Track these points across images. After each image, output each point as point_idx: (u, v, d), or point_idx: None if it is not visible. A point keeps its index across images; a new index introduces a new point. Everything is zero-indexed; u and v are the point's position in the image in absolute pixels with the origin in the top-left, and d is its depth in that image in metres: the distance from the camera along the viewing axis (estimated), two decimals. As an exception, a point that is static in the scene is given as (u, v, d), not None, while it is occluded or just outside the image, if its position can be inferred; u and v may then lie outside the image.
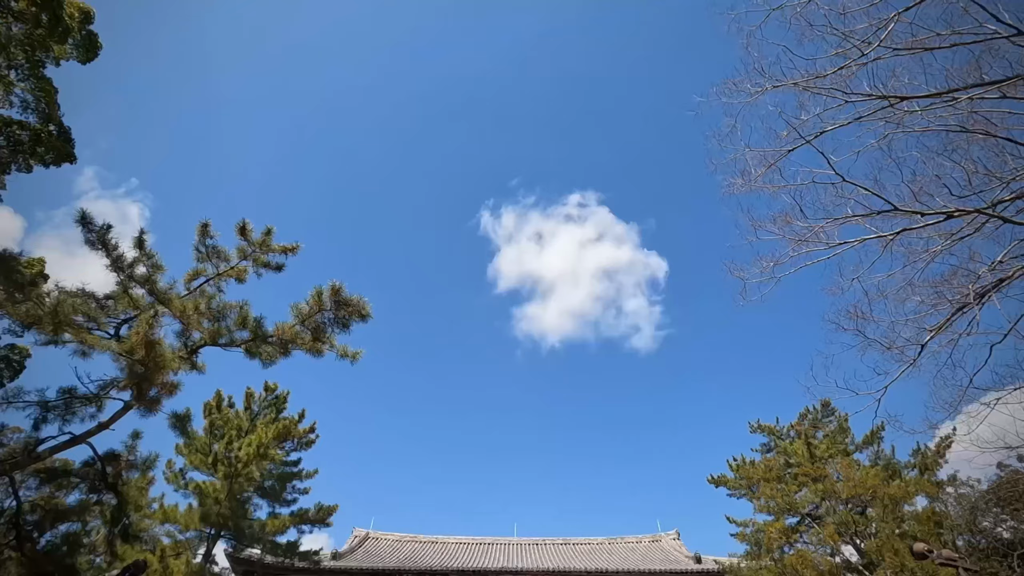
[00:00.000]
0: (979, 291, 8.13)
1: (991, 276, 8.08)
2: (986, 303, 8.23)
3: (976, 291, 8.03)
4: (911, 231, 9.03)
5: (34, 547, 12.17)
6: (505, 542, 32.49)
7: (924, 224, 8.84)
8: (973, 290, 7.96)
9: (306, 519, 20.20)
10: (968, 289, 8.03)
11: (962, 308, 8.32)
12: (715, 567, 24.20)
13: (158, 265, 10.87)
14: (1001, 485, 17.99)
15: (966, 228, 8.67)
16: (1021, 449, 14.89)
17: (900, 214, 8.87)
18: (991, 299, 8.14)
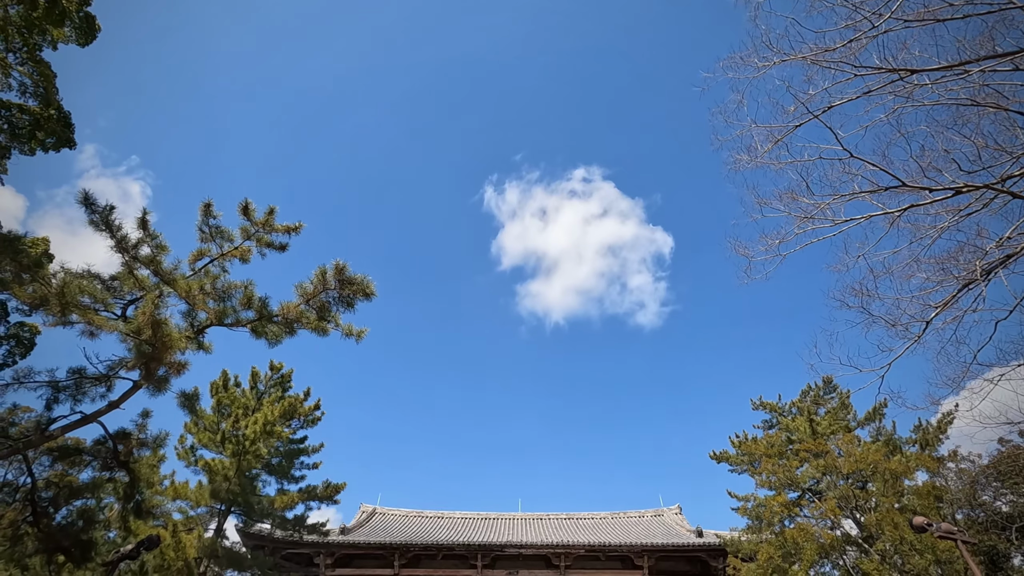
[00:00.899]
0: (986, 267, 8.09)
1: (998, 252, 8.03)
2: (992, 279, 8.20)
3: (983, 267, 7.99)
4: (918, 207, 8.95)
5: (50, 522, 12.46)
6: (509, 517, 33.08)
7: (932, 200, 8.76)
8: (980, 266, 7.92)
9: (314, 496, 20.58)
10: (975, 265, 7.99)
11: (968, 285, 8.29)
12: (716, 541, 24.62)
13: (162, 246, 10.88)
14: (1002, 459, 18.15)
15: (974, 204, 8.59)
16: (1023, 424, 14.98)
17: (907, 190, 8.78)
18: (998, 275, 8.11)
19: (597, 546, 25.50)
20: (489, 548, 25.30)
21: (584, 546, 25.51)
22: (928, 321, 8.66)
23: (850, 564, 18.35)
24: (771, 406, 27.04)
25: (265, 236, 11.51)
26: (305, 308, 10.99)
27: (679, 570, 26.50)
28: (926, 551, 15.78)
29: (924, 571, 16.32)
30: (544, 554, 25.64)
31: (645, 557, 25.31)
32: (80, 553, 12.73)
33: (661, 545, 25.48)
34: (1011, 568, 18.30)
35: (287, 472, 21.37)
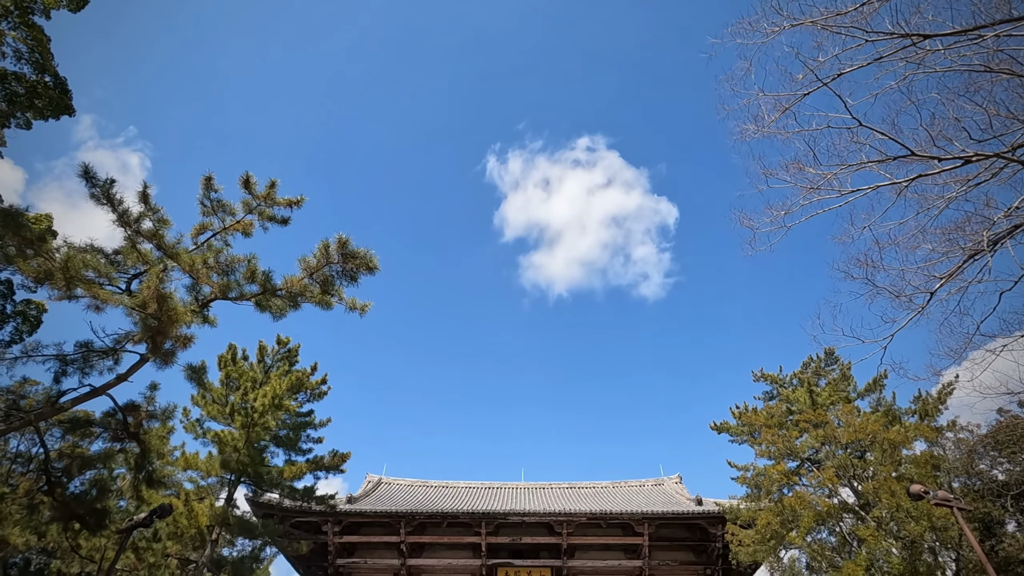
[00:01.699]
0: (993, 238, 8.03)
1: (1006, 222, 7.97)
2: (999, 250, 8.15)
3: (990, 237, 7.94)
4: (926, 177, 8.84)
5: (64, 492, 12.75)
6: (512, 486, 33.71)
7: (940, 170, 8.65)
8: (987, 236, 7.87)
9: (321, 466, 20.98)
10: (982, 236, 7.93)
11: (974, 255, 8.25)
12: (715, 509, 25.10)
13: (164, 220, 10.86)
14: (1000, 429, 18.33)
15: (983, 174, 8.49)
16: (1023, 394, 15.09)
17: (916, 159, 8.67)
18: (1004, 246, 8.06)
19: (598, 514, 26.02)
20: (493, 516, 25.85)
21: (586, 514, 26.03)
22: (932, 292, 8.65)
23: (846, 530, 18.74)
24: (772, 378, 27.25)
25: (267, 209, 11.47)
26: (309, 282, 11.02)
27: (678, 537, 27.10)
28: (922, 518, 16.08)
29: (919, 537, 16.66)
30: (547, 522, 26.21)
31: (645, 525, 25.85)
32: (95, 521, 13.06)
33: (661, 513, 25.98)
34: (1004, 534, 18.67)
35: (295, 444, 21.73)
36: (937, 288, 8.59)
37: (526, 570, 26.20)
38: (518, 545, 26.57)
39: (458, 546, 26.70)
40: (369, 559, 26.56)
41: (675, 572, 26.67)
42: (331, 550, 25.98)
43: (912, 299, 8.94)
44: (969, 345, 8.95)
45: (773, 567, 20.14)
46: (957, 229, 8.77)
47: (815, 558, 18.43)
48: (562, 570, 25.92)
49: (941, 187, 9.10)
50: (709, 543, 26.14)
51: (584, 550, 26.93)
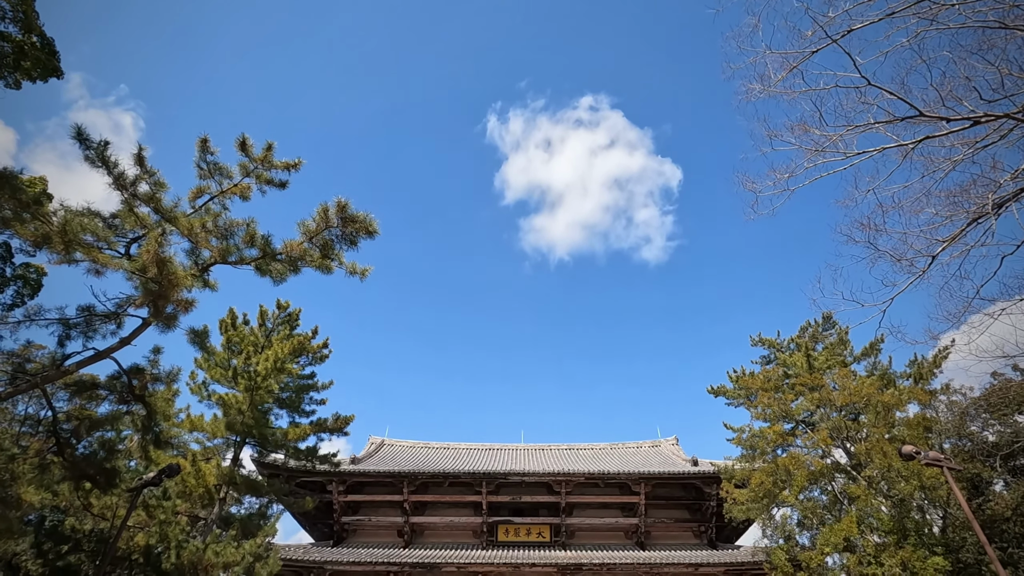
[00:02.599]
0: (998, 200, 7.96)
1: (1012, 185, 7.88)
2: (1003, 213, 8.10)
3: (995, 200, 7.87)
4: (933, 139, 8.71)
5: (73, 452, 13.01)
6: (512, 448, 34.47)
7: (948, 131, 8.51)
8: (992, 199, 7.80)
9: (324, 428, 21.35)
10: (987, 198, 7.86)
11: (978, 219, 8.19)
12: (711, 469, 25.72)
13: (161, 183, 10.73)
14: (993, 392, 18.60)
15: (991, 135, 8.35)
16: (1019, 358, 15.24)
17: (924, 120, 8.52)
18: (1009, 209, 7.99)
19: (596, 474, 26.68)
20: (493, 476, 26.50)
21: (584, 474, 26.69)
22: (934, 256, 8.63)
23: (838, 489, 19.24)
24: (770, 342, 27.50)
25: (264, 173, 11.33)
26: (308, 246, 10.97)
27: (674, 496, 27.87)
28: (912, 477, 16.50)
29: (909, 496, 17.14)
30: (546, 481, 26.89)
31: (642, 484, 26.53)
32: (105, 480, 13.38)
33: (657, 473, 26.64)
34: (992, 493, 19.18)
35: (298, 406, 22.06)
36: (939, 252, 8.57)
37: (525, 528, 27.03)
38: (518, 504, 27.34)
39: (460, 504, 27.48)
40: (373, 517, 27.38)
41: (670, 529, 27.53)
42: (336, 508, 26.74)
43: (913, 263, 8.94)
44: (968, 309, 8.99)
45: (765, 524, 20.76)
46: (962, 192, 8.69)
47: (806, 515, 18.98)
48: (560, 527, 26.75)
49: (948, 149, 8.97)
50: (704, 502, 26.89)
51: (582, 508, 27.73)
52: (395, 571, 23.91)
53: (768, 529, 20.77)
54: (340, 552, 24.66)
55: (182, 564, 15.19)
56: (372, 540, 26.90)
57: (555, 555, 24.74)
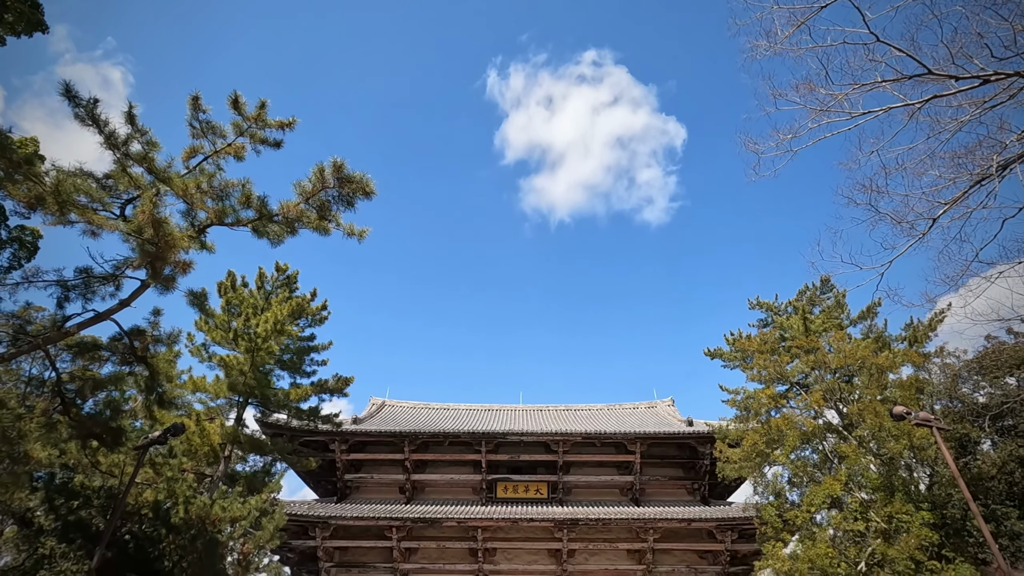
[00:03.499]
0: (1002, 162, 7.86)
1: (1018, 146, 7.77)
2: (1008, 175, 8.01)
3: (999, 162, 7.77)
4: (941, 98, 8.54)
5: (79, 412, 13.23)
6: (511, 408, 35.08)
7: (956, 90, 8.33)
8: (996, 161, 7.70)
9: (326, 388, 21.70)
10: (991, 160, 7.76)
11: (981, 181, 8.11)
12: (705, 429, 26.27)
13: (153, 142, 10.55)
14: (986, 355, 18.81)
15: (1000, 95, 8.18)
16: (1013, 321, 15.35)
17: (932, 79, 8.32)
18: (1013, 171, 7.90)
19: (593, 434, 27.25)
20: (492, 436, 27.07)
21: (581, 434, 27.26)
22: (935, 218, 8.58)
23: (828, 449, 19.68)
24: (767, 305, 27.63)
25: (258, 132, 11.12)
26: (305, 207, 10.88)
27: (669, 455, 28.55)
28: (902, 437, 16.85)
29: (898, 455, 17.55)
30: (544, 441, 27.49)
31: (637, 444, 27.14)
32: (111, 439, 13.66)
33: (653, 433, 27.21)
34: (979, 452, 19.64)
35: (299, 368, 22.36)
36: (940, 214, 8.52)
37: (524, 485, 27.79)
38: (516, 462, 28.02)
39: (460, 463, 28.16)
40: (375, 474, 28.10)
41: (664, 487, 28.31)
42: (339, 466, 27.41)
43: (914, 225, 8.89)
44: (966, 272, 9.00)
45: (756, 482, 21.33)
46: (967, 153, 8.57)
47: (797, 474, 19.47)
48: (558, 485, 27.50)
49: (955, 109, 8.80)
50: (697, 460, 27.57)
51: (579, 467, 28.44)
52: (397, 525, 24.70)
53: (759, 487, 21.34)
54: (344, 508, 25.42)
55: (190, 518, 15.66)
56: (375, 496, 27.68)
57: (552, 511, 25.52)
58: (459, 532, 25.39)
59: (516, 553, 25.88)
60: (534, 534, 25.66)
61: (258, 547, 17.30)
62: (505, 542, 25.68)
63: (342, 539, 25.34)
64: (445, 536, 25.52)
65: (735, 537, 25.00)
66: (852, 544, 16.34)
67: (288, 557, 26.07)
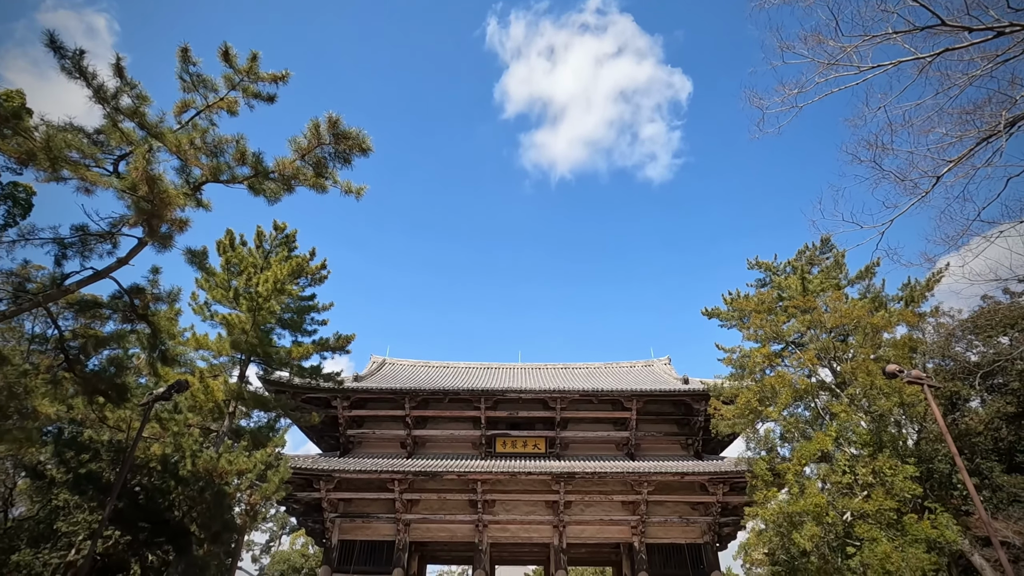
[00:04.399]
0: (1011, 119, 7.71)
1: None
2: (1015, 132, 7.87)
3: (1008, 119, 7.62)
4: (952, 51, 8.29)
5: (83, 368, 13.41)
6: (510, 367, 35.56)
7: (969, 43, 8.09)
8: (1005, 117, 7.55)
9: (326, 346, 21.93)
10: (1000, 116, 7.61)
11: (988, 138, 7.98)
12: (701, 387, 26.72)
13: (143, 96, 10.29)
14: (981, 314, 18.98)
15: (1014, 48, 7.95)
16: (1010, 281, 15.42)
17: (945, 31, 8.07)
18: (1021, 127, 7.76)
19: (590, 391, 27.72)
20: (491, 393, 27.54)
21: (578, 391, 27.73)
22: (939, 176, 8.48)
23: (820, 406, 20.11)
24: (766, 265, 27.66)
25: (251, 85, 10.83)
26: (301, 164, 10.71)
27: (664, 412, 29.13)
28: (893, 395, 17.20)
29: (888, 412, 17.95)
30: (542, 398, 28.00)
31: (634, 401, 27.65)
32: (117, 395, 13.89)
33: (649, 391, 27.69)
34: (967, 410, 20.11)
35: (300, 326, 22.53)
36: (945, 172, 8.42)
37: (522, 440, 28.47)
38: (515, 419, 28.61)
39: (459, 419, 28.75)
40: (377, 430, 28.74)
41: (659, 442, 29.02)
42: (341, 422, 28.00)
43: (917, 184, 8.80)
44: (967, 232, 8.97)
45: (749, 438, 21.88)
46: (976, 110, 8.39)
47: (789, 430, 19.95)
48: (555, 440, 28.17)
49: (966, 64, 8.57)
50: (692, 417, 28.16)
51: (576, 423, 29.08)
52: (399, 478, 25.44)
53: (752, 442, 21.90)
54: (347, 461, 26.11)
55: (198, 471, 16.11)
56: (376, 451, 28.39)
57: (550, 464, 26.24)
58: (459, 485, 26.19)
59: (514, 504, 26.75)
60: (532, 487, 26.47)
61: (264, 498, 17.86)
62: (504, 494, 26.51)
63: (346, 491, 26.14)
64: (445, 488, 26.33)
65: (726, 490, 25.81)
66: (840, 495, 16.91)
67: (294, 508, 26.96)
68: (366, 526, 26.25)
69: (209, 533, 16.93)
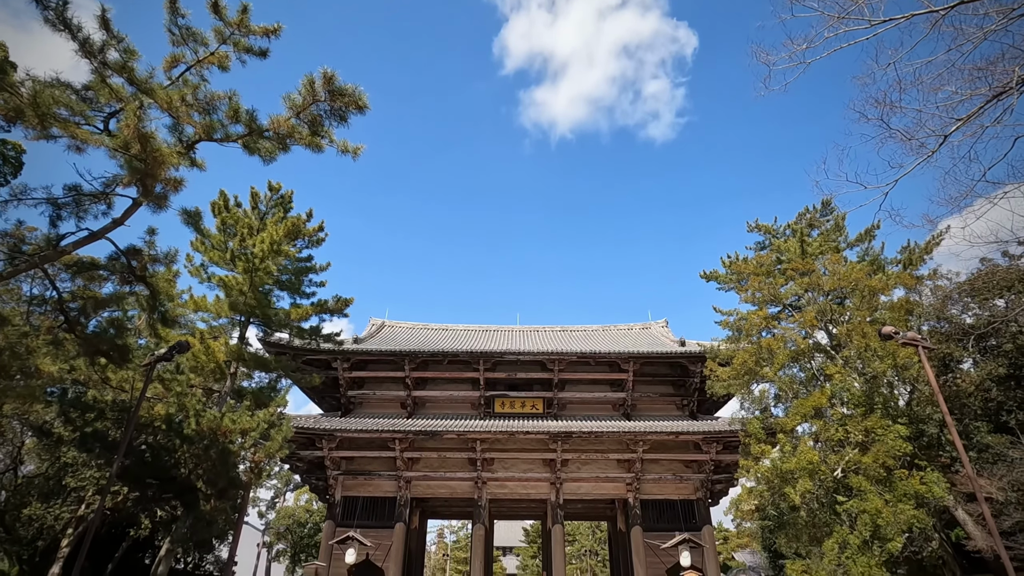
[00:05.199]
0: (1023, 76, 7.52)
1: (1043, 57, 7.40)
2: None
3: (1021, 75, 7.44)
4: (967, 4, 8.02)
5: (84, 329, 13.45)
6: (508, 329, 35.82)
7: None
8: (1018, 73, 7.36)
9: (326, 309, 21.99)
10: (1012, 73, 7.42)
11: (999, 95, 7.80)
12: (697, 349, 27.01)
13: (131, 50, 9.96)
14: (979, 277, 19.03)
15: (1032, 1, 7.69)
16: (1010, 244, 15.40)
17: (961, -18, 7.79)
18: (1034, 84, 7.57)
19: (588, 353, 28.02)
20: (490, 355, 27.82)
21: (576, 353, 28.03)
22: (947, 135, 8.33)
23: (816, 367, 20.38)
24: (766, 228, 27.54)
25: (242, 39, 10.48)
26: (296, 122, 10.49)
27: (660, 373, 29.54)
28: (887, 357, 17.41)
29: (882, 374, 18.21)
30: (540, 360, 28.30)
31: (631, 363, 27.99)
32: (118, 356, 13.99)
33: (646, 353, 28.00)
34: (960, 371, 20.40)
35: (298, 288, 22.53)
36: (953, 130, 8.26)
37: (520, 401, 28.93)
38: (513, 380, 29.00)
39: (458, 380, 29.14)
40: (377, 391, 29.15)
41: (655, 403, 29.53)
42: (342, 384, 28.36)
43: (924, 143, 8.65)
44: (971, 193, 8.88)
45: (744, 398, 22.26)
46: (988, 66, 8.17)
47: (783, 390, 20.27)
48: (553, 401, 28.63)
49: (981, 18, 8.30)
50: (688, 379, 28.58)
51: (574, 384, 29.50)
52: (400, 437, 25.96)
53: (746, 402, 22.29)
54: (348, 421, 26.58)
55: (202, 430, 16.39)
56: (377, 411, 28.87)
57: (547, 424, 26.76)
58: (459, 444, 26.75)
59: (513, 463, 27.41)
60: (530, 445, 27.06)
61: (268, 456, 18.25)
62: (502, 453, 27.13)
63: (348, 450, 26.71)
64: (445, 447, 26.91)
65: (719, 448, 26.44)
66: (831, 452, 17.33)
67: (297, 465, 27.59)
68: (368, 483, 26.94)
69: (215, 489, 17.36)
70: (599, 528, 59.74)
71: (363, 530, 25.27)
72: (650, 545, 25.40)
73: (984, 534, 16.86)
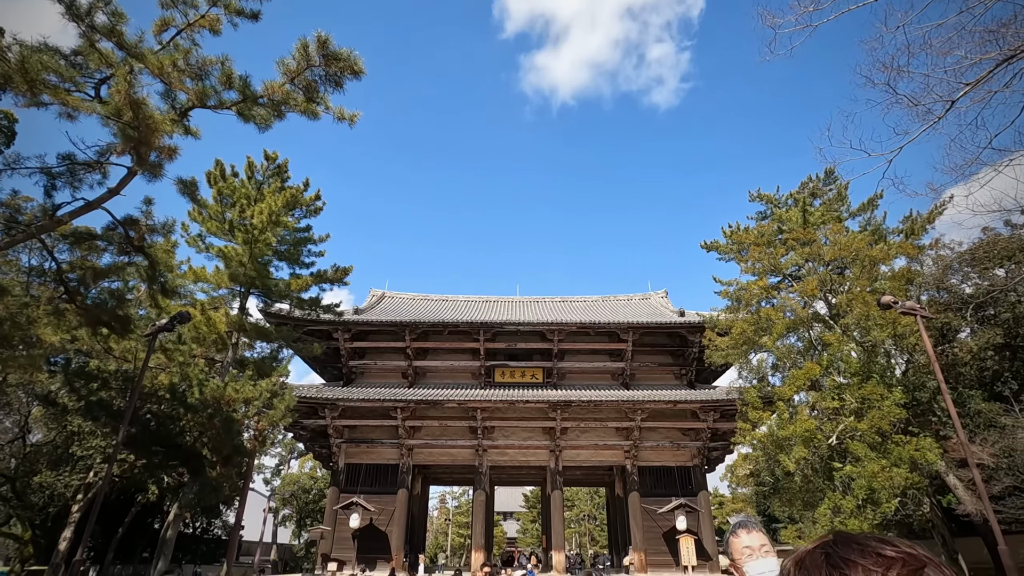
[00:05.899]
0: (1036, 37, 7.32)
1: (1057, 18, 7.19)
2: (1039, 52, 7.49)
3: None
4: (981, -37, 7.76)
5: (84, 300, 13.47)
6: (508, 300, 35.88)
7: (1001, -47, 7.55)
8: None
9: (325, 278, 22.00)
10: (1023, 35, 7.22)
11: (1011, 58, 7.61)
12: (696, 319, 27.12)
13: (119, 13, 9.69)
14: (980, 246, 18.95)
15: (1048, -41, 7.44)
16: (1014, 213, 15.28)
17: (976, -61, 7.51)
18: (1046, 47, 7.38)
19: (587, 324, 28.14)
20: (490, 325, 27.95)
21: (576, 324, 28.15)
22: (954, 100, 8.16)
23: (814, 337, 20.48)
24: (768, 197, 27.30)
25: (233, 1, 10.17)
26: (291, 88, 10.27)
27: (659, 343, 29.73)
28: (886, 326, 17.47)
29: (880, 343, 18.32)
30: (540, 330, 28.45)
31: (630, 333, 28.14)
32: (120, 326, 14.05)
33: (645, 323, 28.12)
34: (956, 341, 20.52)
35: (297, 259, 22.50)
36: (960, 96, 8.09)
37: (520, 370, 29.20)
38: (513, 350, 29.20)
39: (459, 351, 29.34)
40: (379, 361, 29.38)
41: (653, 372, 29.80)
42: (343, 354, 28.58)
43: (930, 109, 8.48)
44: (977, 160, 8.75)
45: (742, 367, 22.45)
46: (1000, 28, 7.96)
47: (781, 359, 20.41)
48: (552, 370, 28.90)
49: (995, -23, 8.05)
50: (687, 348, 28.78)
51: (573, 354, 29.72)
52: (402, 406, 26.29)
53: (744, 372, 22.49)
54: (351, 391, 26.89)
55: (206, 399, 16.59)
56: (379, 381, 29.17)
57: (547, 393, 27.07)
58: (460, 412, 27.12)
59: (513, 431, 27.83)
60: (530, 414, 27.43)
61: (272, 424, 18.52)
62: (503, 421, 27.52)
63: (350, 418, 27.09)
64: (446, 416, 27.29)
65: (716, 417, 26.80)
66: (827, 420, 17.58)
67: (301, 434, 28.03)
68: (371, 450, 27.41)
69: (220, 456, 17.68)
70: (597, 494, 61.08)
71: (366, 496, 25.82)
72: (647, 510, 25.99)
73: (974, 498, 17.23)
